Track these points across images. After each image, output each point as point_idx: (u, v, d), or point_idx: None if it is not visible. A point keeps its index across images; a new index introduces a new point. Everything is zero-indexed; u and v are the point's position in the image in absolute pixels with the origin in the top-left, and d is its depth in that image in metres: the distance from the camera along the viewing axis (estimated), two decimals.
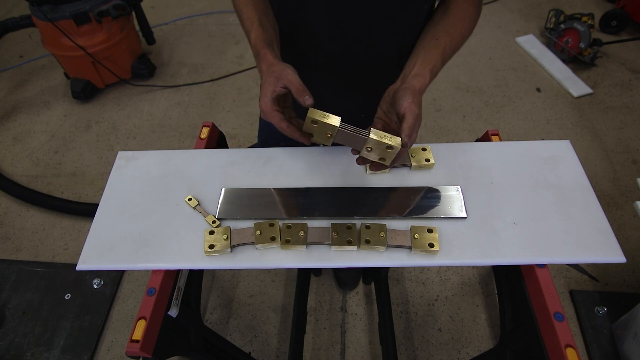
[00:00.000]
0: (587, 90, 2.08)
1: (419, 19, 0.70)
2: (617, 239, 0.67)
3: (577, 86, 2.10)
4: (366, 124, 0.65)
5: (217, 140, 0.95)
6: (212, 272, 1.53)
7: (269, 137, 0.99)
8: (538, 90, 2.14)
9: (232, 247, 0.69)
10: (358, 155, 0.63)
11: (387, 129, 0.64)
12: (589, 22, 2.18)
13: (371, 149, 0.60)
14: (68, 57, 2.01)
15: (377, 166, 0.62)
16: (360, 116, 0.69)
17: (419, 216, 0.71)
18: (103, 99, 2.19)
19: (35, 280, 1.49)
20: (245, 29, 0.68)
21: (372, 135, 0.58)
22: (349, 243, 0.67)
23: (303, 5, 0.66)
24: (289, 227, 0.69)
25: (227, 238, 0.68)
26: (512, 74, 2.23)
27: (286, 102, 0.65)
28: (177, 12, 2.77)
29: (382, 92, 0.67)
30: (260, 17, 0.66)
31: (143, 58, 2.24)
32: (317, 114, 0.58)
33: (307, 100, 0.58)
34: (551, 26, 2.34)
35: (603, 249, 0.66)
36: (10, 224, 1.67)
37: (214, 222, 0.71)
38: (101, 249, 0.70)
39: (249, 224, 0.72)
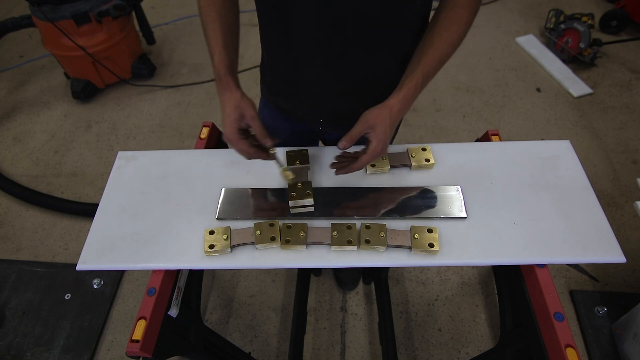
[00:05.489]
0: (587, 90, 2.08)
1: (412, 9, 0.67)
2: (617, 239, 0.67)
3: (577, 86, 2.10)
4: None
5: (217, 141, 0.95)
6: (212, 272, 1.53)
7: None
8: (538, 90, 2.13)
9: (232, 247, 0.69)
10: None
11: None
12: (589, 22, 2.17)
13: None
14: (68, 57, 2.01)
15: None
16: (359, 110, 0.69)
17: (419, 216, 0.71)
18: (103, 99, 2.19)
19: (35, 280, 1.49)
20: (208, 46, 0.72)
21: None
22: (349, 243, 0.67)
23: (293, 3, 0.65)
24: (289, 227, 0.69)
25: (227, 238, 0.68)
26: (512, 74, 2.23)
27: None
28: (177, 12, 2.77)
29: (381, 86, 0.70)
30: (225, 38, 0.70)
31: (143, 58, 2.23)
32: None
33: (267, 142, 0.68)
34: (551, 26, 2.34)
35: (603, 249, 0.66)
36: (10, 224, 1.67)
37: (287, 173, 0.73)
38: (101, 249, 0.70)
39: (249, 224, 0.72)
